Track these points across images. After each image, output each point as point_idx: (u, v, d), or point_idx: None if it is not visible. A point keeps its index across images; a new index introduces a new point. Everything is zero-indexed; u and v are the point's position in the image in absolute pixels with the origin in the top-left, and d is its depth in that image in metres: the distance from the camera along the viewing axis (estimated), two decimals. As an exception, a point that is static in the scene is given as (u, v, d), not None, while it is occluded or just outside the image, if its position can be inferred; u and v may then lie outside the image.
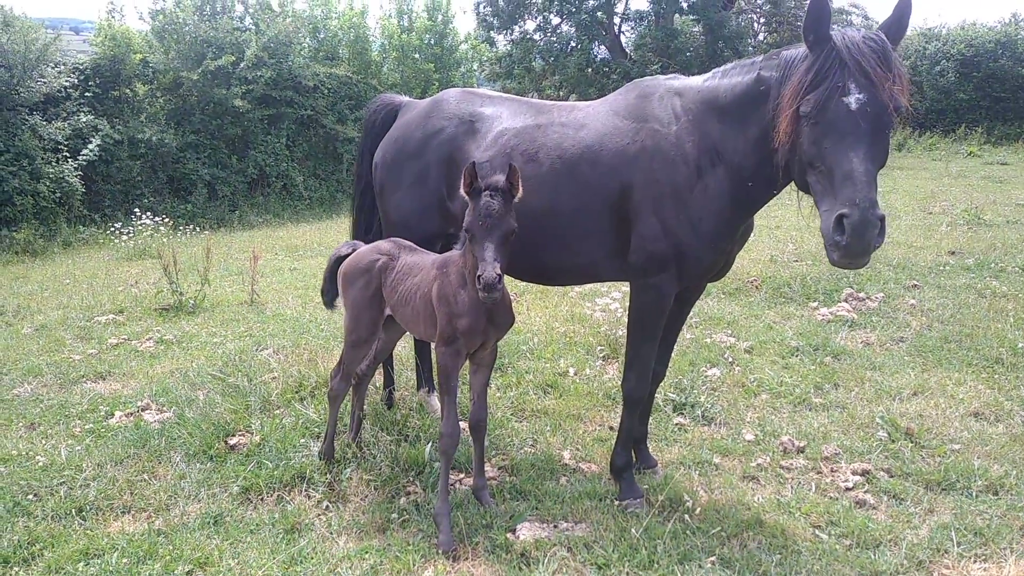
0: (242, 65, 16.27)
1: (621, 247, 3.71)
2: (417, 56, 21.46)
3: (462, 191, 3.29)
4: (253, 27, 17.93)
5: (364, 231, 4.88)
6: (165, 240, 11.61)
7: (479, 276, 3.12)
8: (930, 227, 11.26)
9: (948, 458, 4.27)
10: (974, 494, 3.91)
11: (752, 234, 4.07)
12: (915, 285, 7.87)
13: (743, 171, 3.45)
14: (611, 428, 4.77)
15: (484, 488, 3.89)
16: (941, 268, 8.57)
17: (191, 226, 13.90)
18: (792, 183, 3.39)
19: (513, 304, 7.73)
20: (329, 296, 4.29)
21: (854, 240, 2.84)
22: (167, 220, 12.98)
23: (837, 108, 2.95)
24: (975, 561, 3.38)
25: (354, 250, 4.06)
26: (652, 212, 3.56)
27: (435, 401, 4.95)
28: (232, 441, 4.46)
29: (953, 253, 9.35)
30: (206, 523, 3.71)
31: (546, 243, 3.83)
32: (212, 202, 16.04)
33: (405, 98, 4.75)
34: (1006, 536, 3.53)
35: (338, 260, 4.13)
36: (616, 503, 3.84)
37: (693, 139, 3.54)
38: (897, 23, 3.12)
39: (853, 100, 2.94)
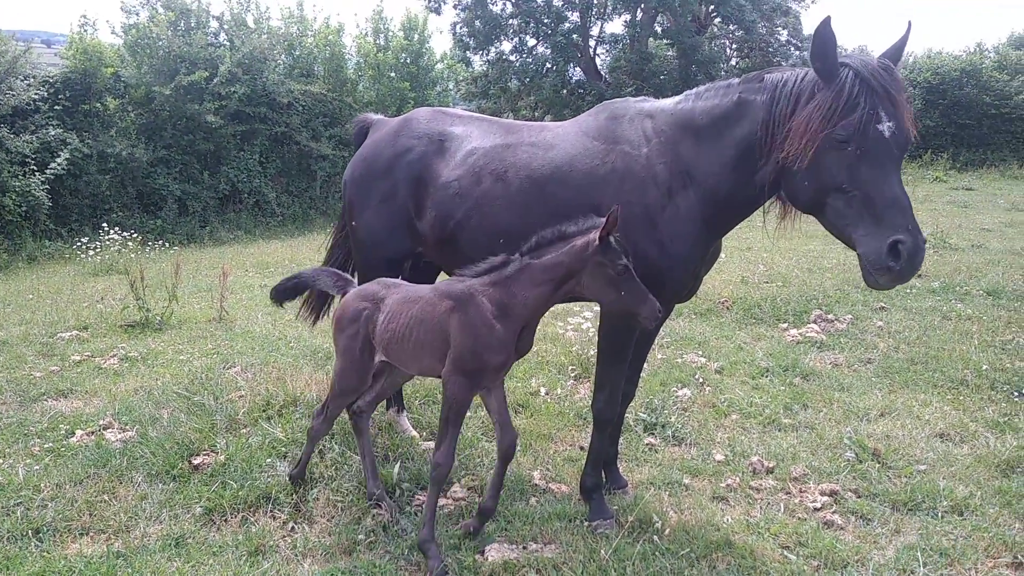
0: (215, 81, 16.19)
1: None
2: (393, 75, 21.47)
3: (598, 236, 3.18)
4: (227, 43, 17.86)
5: (342, 258, 4.89)
6: (133, 256, 11.45)
7: (647, 309, 3.24)
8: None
9: (914, 479, 4.31)
10: (940, 515, 3.94)
11: (722, 255, 4.10)
12: (883, 307, 7.98)
13: (717, 192, 3.47)
14: (581, 448, 4.75)
15: (492, 512, 3.71)
16: (908, 291, 8.69)
17: (160, 242, 13.74)
18: (757, 206, 3.48)
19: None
20: (281, 298, 4.15)
21: (908, 266, 2.95)
22: (136, 235, 12.82)
23: (875, 134, 2.99)
24: (941, 582, 3.39)
25: (343, 293, 3.86)
26: (621, 233, 3.56)
27: (404, 421, 4.90)
28: (196, 461, 4.37)
29: (919, 276, 9.49)
30: (167, 545, 3.62)
31: None
32: (182, 218, 15.87)
33: (378, 116, 4.75)
34: (971, 557, 3.55)
35: (315, 281, 4.04)
36: (586, 524, 3.81)
37: (664, 161, 3.55)
38: (898, 52, 3.20)
39: (886, 127, 3.00)
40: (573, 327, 7.28)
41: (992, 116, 26.04)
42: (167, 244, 13.82)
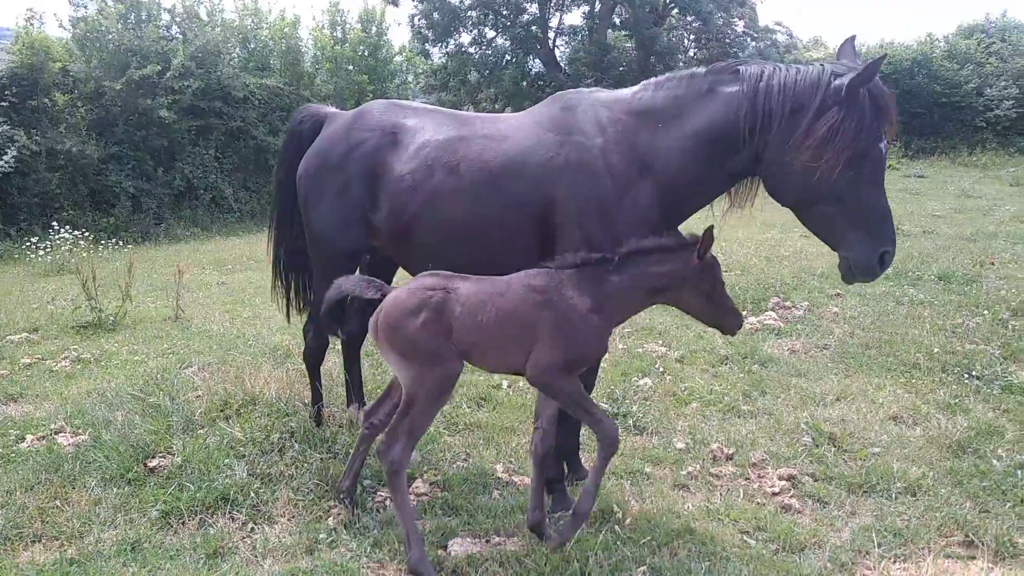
0: (168, 75, 15.84)
1: (545, 260, 3.67)
2: (351, 67, 21.25)
3: (700, 254, 3.26)
4: (180, 36, 17.49)
5: (286, 246, 4.78)
6: (85, 255, 11.17)
7: (735, 322, 3.45)
8: (852, 237, 11.63)
9: (869, 461, 4.40)
10: (894, 496, 4.03)
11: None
12: (838, 294, 8.12)
13: (679, 181, 3.50)
14: (544, 440, 4.75)
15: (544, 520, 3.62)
16: (862, 277, 8.84)
17: (114, 240, 13.42)
18: (718, 195, 3.63)
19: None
20: (333, 327, 3.77)
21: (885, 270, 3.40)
22: (88, 234, 12.50)
23: (878, 151, 3.23)
24: (895, 561, 3.47)
25: (382, 294, 3.45)
26: (577, 226, 3.57)
27: (365, 417, 4.86)
28: (152, 463, 4.28)
29: (873, 262, 9.66)
30: (123, 550, 3.55)
31: (467, 256, 3.78)
32: (136, 215, 15.53)
33: (331, 109, 4.68)
34: (924, 536, 3.64)
35: (350, 299, 3.57)
36: (549, 515, 3.82)
37: (620, 151, 3.55)
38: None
39: (883, 145, 3.26)
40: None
41: (942, 105, 26.63)
42: (121, 242, 13.50)
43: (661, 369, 5.98)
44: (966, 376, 5.64)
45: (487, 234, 3.74)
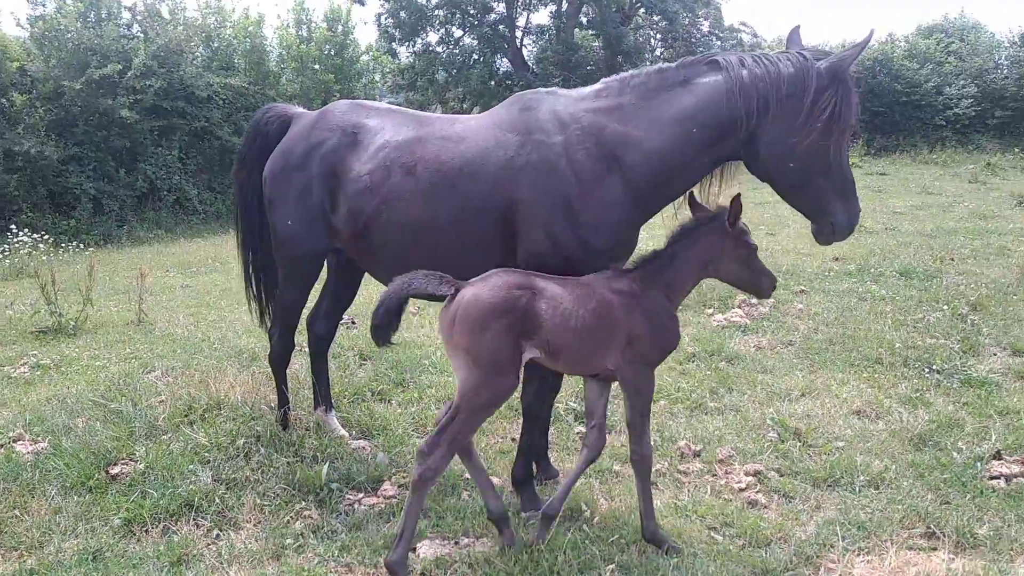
0: (129, 74, 15.57)
1: (507, 262, 3.65)
2: (317, 67, 21.07)
3: (730, 222, 3.40)
4: (141, 35, 17.21)
5: (252, 247, 4.72)
6: (45, 258, 10.94)
7: (770, 283, 3.62)
8: (816, 234, 11.80)
9: (833, 456, 4.46)
10: (857, 489, 4.09)
11: (652, 244, 4.11)
12: (803, 291, 8.23)
13: (660, 170, 3.49)
14: (513, 440, 4.75)
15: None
16: (826, 274, 8.99)
17: (74, 243, 13.15)
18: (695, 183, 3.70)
19: (415, 318, 7.65)
20: (388, 333, 3.37)
21: None
22: (47, 237, 12.23)
23: (856, 127, 3.52)
24: (859, 554, 3.52)
25: (456, 290, 3.25)
26: (541, 226, 3.54)
27: (333, 420, 4.82)
28: (114, 471, 4.20)
29: (837, 259, 9.82)
30: (84, 560, 3.47)
31: (426, 259, 3.70)
32: (98, 217, 15.25)
33: (299, 108, 4.64)
34: (887, 528, 3.69)
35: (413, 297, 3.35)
36: (518, 515, 3.82)
37: (585, 147, 3.52)
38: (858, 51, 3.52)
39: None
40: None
41: (903, 103, 27.17)
42: (82, 245, 13.23)
43: (629, 367, 5.99)
44: (927, 370, 5.74)
45: (446, 236, 3.71)
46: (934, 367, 5.75)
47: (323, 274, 4.73)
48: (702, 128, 3.45)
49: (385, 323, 3.28)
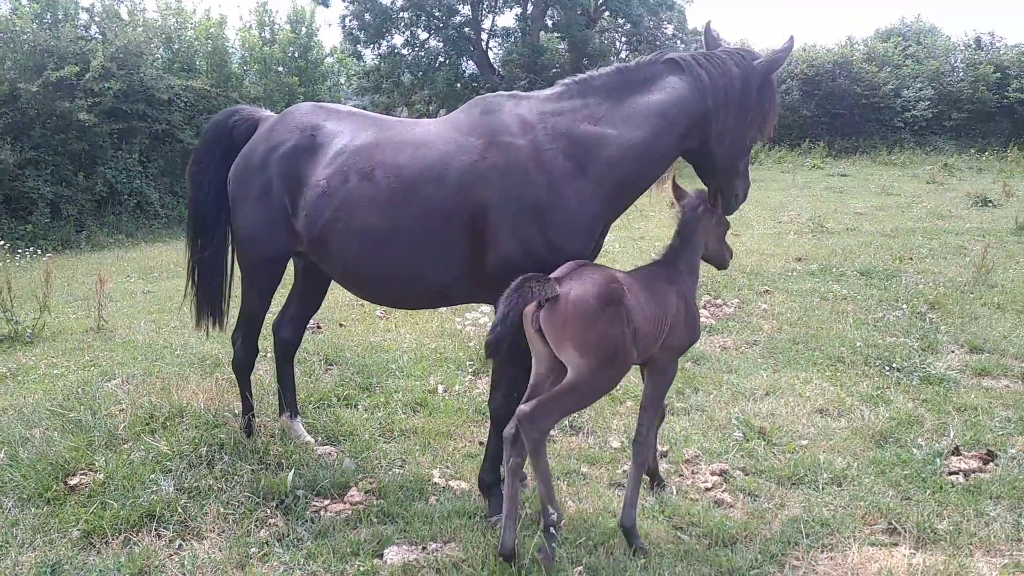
0: (87, 76, 15.26)
1: (474, 268, 3.63)
2: (281, 69, 20.89)
3: (713, 203, 3.75)
4: (100, 36, 16.90)
5: (203, 248, 4.56)
6: (0, 264, 10.67)
7: (730, 254, 4.08)
8: (779, 235, 11.99)
9: (797, 454, 4.51)
10: (820, 487, 4.14)
11: (616, 245, 4.21)
12: (767, 290, 8.33)
13: (637, 164, 3.56)
14: (481, 444, 4.73)
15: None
16: (789, 274, 9.12)
17: (31, 248, 12.81)
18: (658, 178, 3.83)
19: (382, 321, 7.59)
20: (505, 345, 3.27)
21: None
22: (3, 243, 11.91)
23: None
24: (822, 551, 3.56)
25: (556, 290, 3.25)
26: (511, 231, 3.51)
27: (298, 427, 4.76)
28: (72, 481, 4.10)
29: (800, 259, 9.97)
30: (42, 572, 3.38)
31: (387, 266, 3.73)
32: (56, 222, 14.93)
33: (266, 112, 4.56)
34: (849, 525, 3.75)
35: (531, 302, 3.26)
36: (486, 519, 3.81)
37: (555, 147, 3.51)
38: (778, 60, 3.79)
39: None
40: (471, 322, 7.27)
41: (863, 106, 27.68)
42: (39, 251, 12.88)
43: (596, 369, 6.01)
44: (887, 368, 5.85)
45: (408, 244, 3.66)
46: (894, 365, 5.85)
47: (290, 279, 4.68)
48: (674, 122, 3.56)
49: (504, 336, 3.22)
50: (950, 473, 4.22)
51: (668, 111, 3.56)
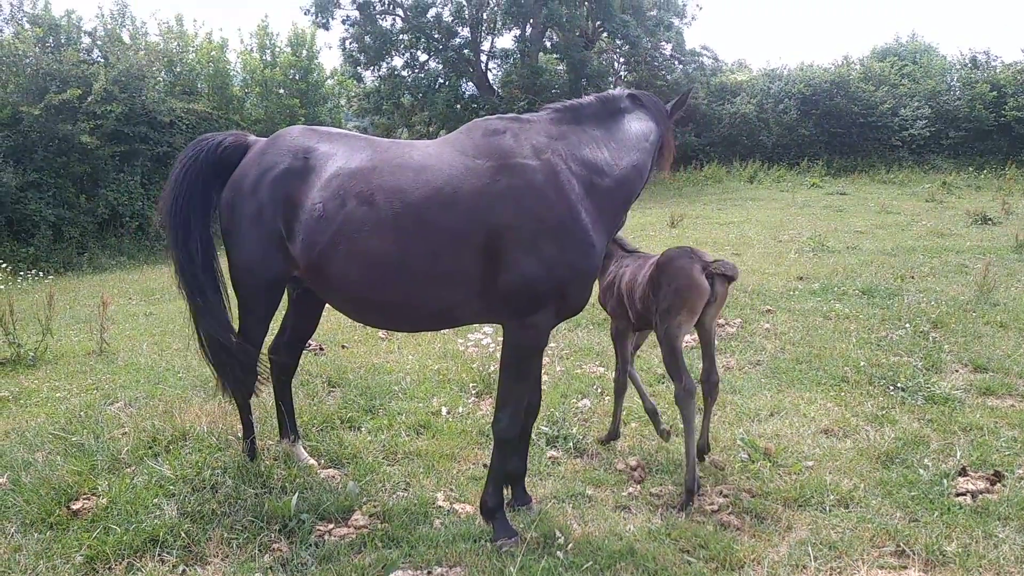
0: (89, 99, 15.38)
1: (483, 289, 3.63)
2: (282, 91, 21.03)
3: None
4: (102, 60, 17.03)
5: (195, 271, 4.34)
6: (2, 287, 10.69)
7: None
8: (780, 254, 12.00)
9: (803, 475, 4.49)
10: (827, 509, 4.12)
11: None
12: (769, 310, 8.32)
13: (637, 185, 3.96)
14: (485, 466, 4.71)
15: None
16: (791, 293, 9.12)
17: (33, 271, 12.88)
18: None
19: (385, 343, 7.57)
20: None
21: None
22: (5, 265, 11.97)
23: None
24: (830, 574, 3.54)
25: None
26: (531, 251, 3.52)
27: (301, 451, 4.74)
28: (75, 506, 4.08)
29: (801, 278, 9.98)
30: (44, 600, 3.37)
31: (392, 291, 3.71)
32: (58, 244, 14.97)
33: (252, 137, 4.46)
34: (857, 548, 3.72)
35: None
36: (490, 544, 3.78)
37: (568, 168, 3.66)
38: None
39: None
40: (474, 343, 7.26)
41: (860, 124, 27.81)
42: (41, 273, 12.97)
43: (600, 390, 6.01)
44: (891, 388, 5.83)
45: (417, 268, 3.63)
46: (899, 384, 5.84)
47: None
48: (652, 147, 4.08)
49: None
50: (957, 494, 4.20)
51: (648, 137, 4.06)
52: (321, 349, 7.26)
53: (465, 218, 3.57)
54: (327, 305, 4.52)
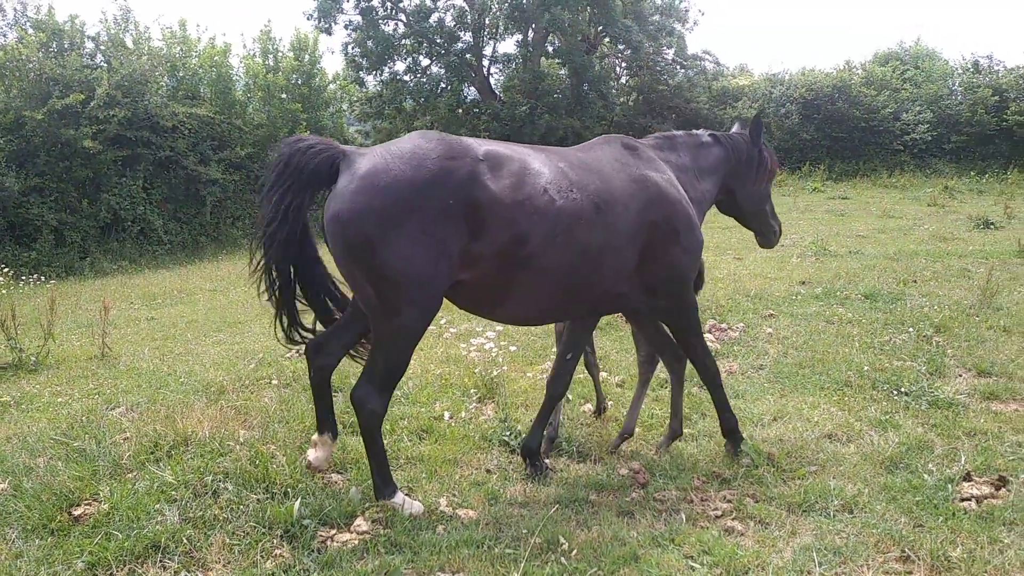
0: (92, 104, 15.43)
1: (632, 276, 4.50)
2: (284, 96, 21.05)
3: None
4: (105, 65, 17.08)
5: (279, 287, 4.33)
6: (4, 291, 10.70)
7: None
8: (783, 259, 11.99)
9: (807, 480, 4.47)
10: (832, 514, 4.10)
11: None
12: (771, 314, 8.31)
13: (710, 202, 5.24)
14: (487, 471, 4.71)
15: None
16: (794, 297, 9.10)
17: (35, 275, 12.92)
18: None
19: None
20: None
21: None
22: (7, 270, 11.99)
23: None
24: (836, 580, 3.52)
25: None
26: (678, 244, 4.57)
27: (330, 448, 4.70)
28: (77, 512, 4.07)
29: (804, 283, 9.96)
30: (46, 606, 3.36)
31: (578, 281, 4.28)
32: (59, 249, 15.00)
33: (349, 147, 4.18)
34: (862, 553, 3.70)
35: None
36: (494, 548, 3.76)
37: (689, 182, 4.90)
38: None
39: None
40: (476, 348, 7.24)
41: (862, 129, 27.82)
42: (43, 278, 13.00)
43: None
44: (895, 393, 5.81)
45: (601, 259, 4.27)
46: (902, 389, 5.82)
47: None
48: (719, 176, 5.26)
49: None
50: (962, 499, 4.17)
51: (719, 168, 5.20)
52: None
53: (635, 216, 4.36)
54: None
